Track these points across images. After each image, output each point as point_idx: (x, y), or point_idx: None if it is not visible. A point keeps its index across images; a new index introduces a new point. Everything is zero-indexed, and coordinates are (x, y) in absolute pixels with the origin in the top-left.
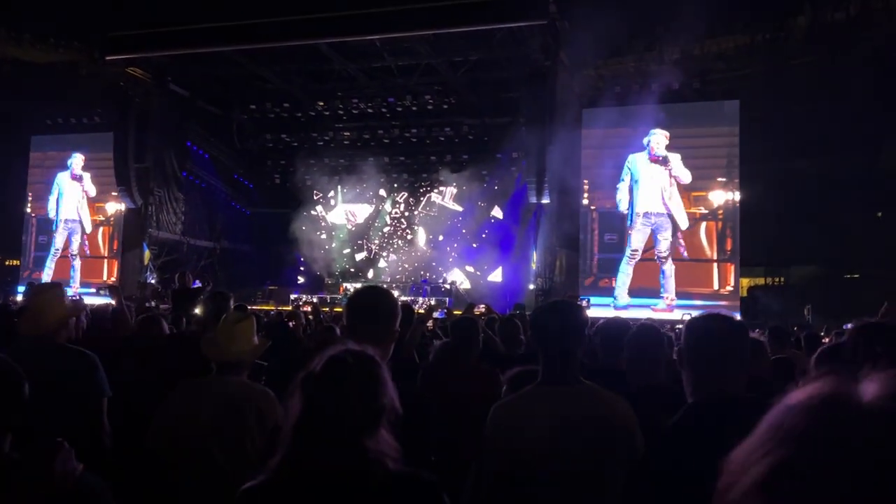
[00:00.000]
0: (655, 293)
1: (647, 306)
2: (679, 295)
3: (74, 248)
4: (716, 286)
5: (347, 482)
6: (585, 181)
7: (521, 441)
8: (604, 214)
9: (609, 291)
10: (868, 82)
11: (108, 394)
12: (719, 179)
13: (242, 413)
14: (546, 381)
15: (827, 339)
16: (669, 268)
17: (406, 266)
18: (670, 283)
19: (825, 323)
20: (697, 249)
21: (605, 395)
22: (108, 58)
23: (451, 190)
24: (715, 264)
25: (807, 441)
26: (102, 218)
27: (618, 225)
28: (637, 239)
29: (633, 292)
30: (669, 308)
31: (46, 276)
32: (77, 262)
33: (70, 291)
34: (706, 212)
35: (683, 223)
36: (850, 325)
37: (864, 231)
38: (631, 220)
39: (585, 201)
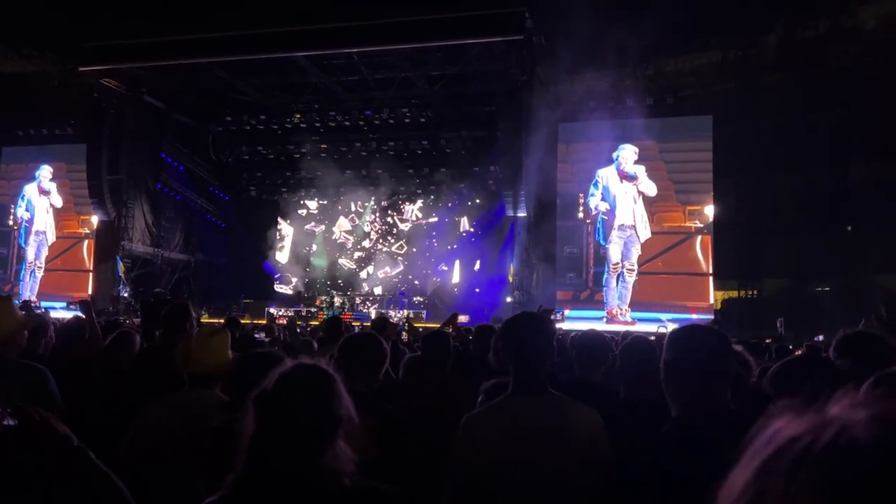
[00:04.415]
0: (661, 307)
1: (655, 321)
2: (655, 308)
3: (42, 259)
4: (692, 299)
5: (303, 497)
6: (581, 195)
7: (488, 452)
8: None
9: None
10: (837, 98)
11: (60, 406)
12: (693, 194)
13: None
14: (515, 391)
15: (799, 352)
16: (633, 279)
17: (383, 278)
18: (628, 295)
19: (793, 333)
20: (673, 263)
21: (572, 405)
22: (81, 69)
23: (427, 203)
24: (691, 278)
25: (803, 480)
26: (87, 231)
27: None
28: (616, 252)
29: (637, 306)
30: (623, 321)
31: (23, 288)
32: (39, 274)
33: (44, 304)
34: (680, 225)
35: (645, 235)
36: (820, 337)
37: (834, 244)
38: (607, 234)
39: (580, 215)
